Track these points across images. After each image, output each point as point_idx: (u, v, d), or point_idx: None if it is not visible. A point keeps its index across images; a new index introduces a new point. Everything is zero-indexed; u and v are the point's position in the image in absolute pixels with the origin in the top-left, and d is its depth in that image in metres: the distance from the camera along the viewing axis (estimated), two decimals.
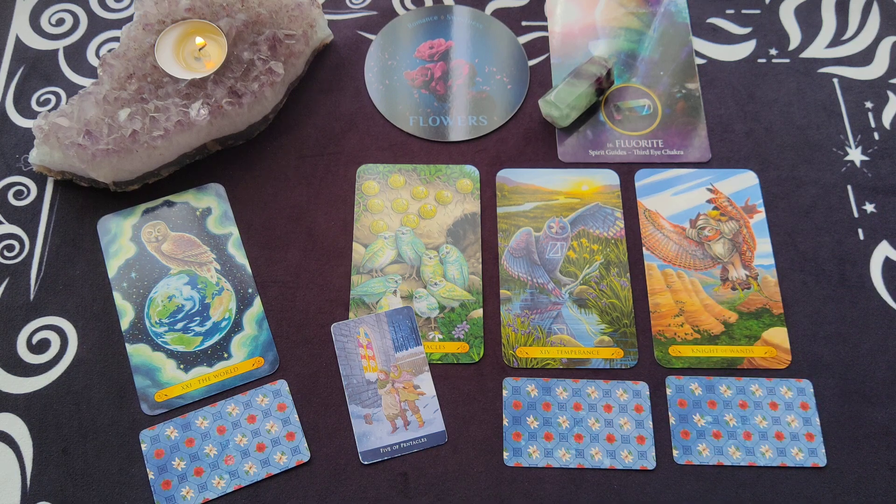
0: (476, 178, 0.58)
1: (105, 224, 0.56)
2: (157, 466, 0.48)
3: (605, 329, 0.53)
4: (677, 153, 0.60)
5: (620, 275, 0.55)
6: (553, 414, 0.50)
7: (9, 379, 0.51)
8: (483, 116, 0.61)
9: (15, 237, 0.56)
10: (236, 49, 0.57)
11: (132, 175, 0.56)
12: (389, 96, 0.61)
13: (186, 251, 0.55)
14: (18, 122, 0.60)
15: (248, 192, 0.58)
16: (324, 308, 0.54)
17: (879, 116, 0.61)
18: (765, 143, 0.60)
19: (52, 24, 0.64)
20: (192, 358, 0.52)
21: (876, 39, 0.64)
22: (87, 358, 0.52)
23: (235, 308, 0.54)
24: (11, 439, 0.49)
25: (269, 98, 0.58)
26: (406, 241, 0.56)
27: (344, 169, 0.58)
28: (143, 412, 0.50)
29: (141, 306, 0.53)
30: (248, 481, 0.48)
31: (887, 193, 0.58)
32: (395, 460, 0.49)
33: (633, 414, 0.50)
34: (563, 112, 0.58)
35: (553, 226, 0.57)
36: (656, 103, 0.61)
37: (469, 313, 0.54)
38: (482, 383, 0.51)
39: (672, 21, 0.65)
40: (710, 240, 0.56)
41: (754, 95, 0.62)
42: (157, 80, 0.56)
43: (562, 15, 0.65)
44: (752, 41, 0.64)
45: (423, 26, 0.65)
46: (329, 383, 0.51)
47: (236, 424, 0.50)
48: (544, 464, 0.49)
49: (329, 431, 0.50)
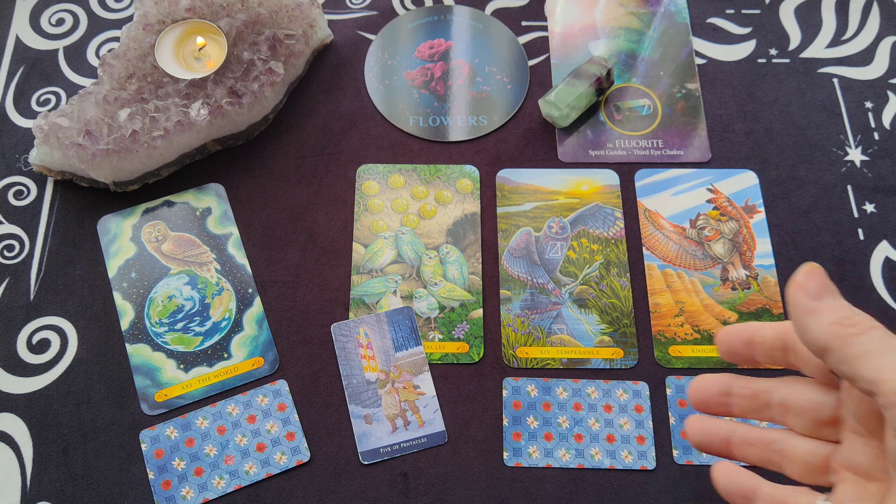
0: (476, 178, 0.58)
1: (105, 224, 0.56)
2: (157, 466, 0.48)
3: (605, 329, 0.53)
4: (677, 153, 0.60)
5: (620, 275, 0.55)
6: (553, 414, 0.50)
7: (9, 379, 0.51)
8: (483, 116, 0.61)
9: (15, 237, 0.56)
10: (236, 49, 0.57)
11: (132, 175, 0.56)
12: (389, 96, 0.61)
13: (186, 251, 0.55)
14: (18, 122, 0.60)
15: (248, 192, 0.58)
16: (324, 308, 0.54)
17: (879, 116, 0.61)
18: (765, 143, 0.60)
19: (52, 24, 0.64)
20: (192, 358, 0.52)
21: (876, 39, 0.64)
22: (87, 358, 0.52)
23: (235, 308, 0.54)
24: (11, 439, 0.49)
25: (269, 98, 0.58)
26: (406, 241, 0.56)
27: (344, 169, 0.58)
28: (143, 412, 0.50)
29: (141, 306, 0.53)
30: (248, 481, 0.48)
31: (887, 193, 0.58)
32: (395, 460, 0.49)
33: (633, 414, 0.50)
34: (563, 112, 0.58)
35: (553, 226, 0.57)
36: (656, 103, 0.61)
37: (469, 313, 0.54)
38: (482, 383, 0.51)
39: (672, 21, 0.65)
40: (710, 240, 0.56)
41: (754, 95, 0.62)
42: (157, 80, 0.56)
43: (562, 15, 0.65)
44: (752, 41, 0.64)
45: (423, 26, 0.65)
46: (329, 383, 0.51)
47: (236, 424, 0.50)
48: (544, 464, 0.49)
49: (329, 431, 0.50)
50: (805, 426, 0.35)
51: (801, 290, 0.31)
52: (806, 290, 0.31)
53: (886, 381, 0.28)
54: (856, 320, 0.30)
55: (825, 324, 0.30)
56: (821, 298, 0.31)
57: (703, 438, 0.38)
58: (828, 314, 0.30)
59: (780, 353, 0.35)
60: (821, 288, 0.31)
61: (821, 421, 0.34)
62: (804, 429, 0.35)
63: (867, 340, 0.29)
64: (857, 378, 0.29)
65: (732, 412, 0.37)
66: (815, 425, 0.35)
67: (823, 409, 0.34)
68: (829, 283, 0.31)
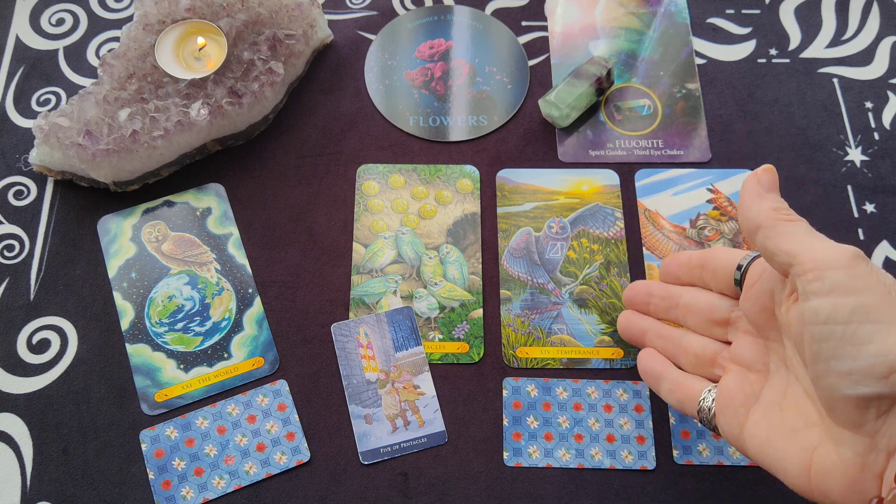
0: (476, 178, 0.58)
1: (105, 224, 0.56)
2: (157, 466, 0.48)
3: (606, 329, 0.53)
4: (677, 153, 0.60)
5: (620, 275, 0.55)
6: (553, 414, 0.50)
7: (9, 379, 0.51)
8: (483, 116, 0.61)
9: (15, 237, 0.56)
10: (236, 49, 0.57)
11: (132, 175, 0.56)
12: (389, 96, 0.61)
13: (186, 251, 0.55)
14: (18, 122, 0.60)
15: (248, 192, 0.58)
16: (324, 308, 0.54)
17: (879, 116, 0.61)
18: (765, 143, 0.60)
19: (52, 24, 0.64)
20: (192, 358, 0.52)
21: (876, 39, 0.64)
22: (87, 358, 0.52)
23: (235, 308, 0.54)
24: (11, 439, 0.49)
25: (269, 98, 0.58)
26: (406, 241, 0.56)
27: (344, 169, 0.58)
28: (143, 412, 0.50)
29: (141, 306, 0.53)
30: (248, 481, 0.48)
31: (887, 193, 0.58)
32: (395, 460, 0.49)
33: (633, 414, 0.50)
34: (563, 112, 0.58)
35: (553, 226, 0.57)
36: (656, 103, 0.61)
37: (469, 313, 0.54)
38: (482, 383, 0.51)
39: (672, 21, 0.65)
40: (710, 240, 0.56)
41: (754, 95, 0.62)
42: (157, 80, 0.56)
43: (562, 15, 0.65)
44: (752, 41, 0.64)
45: (423, 26, 0.65)
46: (329, 383, 0.51)
47: (236, 424, 0.50)
48: (544, 464, 0.49)
49: (329, 431, 0.50)
50: (700, 325, 0.44)
51: (755, 178, 0.39)
52: (760, 181, 0.39)
53: (803, 253, 0.34)
54: (790, 212, 0.37)
55: (766, 208, 0.37)
56: (769, 191, 0.38)
57: (626, 326, 0.49)
58: (770, 202, 0.38)
59: (697, 270, 0.45)
60: (771, 184, 0.39)
61: (714, 321, 0.44)
62: (699, 327, 0.45)
63: (794, 227, 0.36)
64: (777, 252, 0.36)
65: (650, 311, 0.48)
66: (708, 324, 0.44)
67: (718, 311, 0.43)
68: (777, 186, 0.39)
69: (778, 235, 0.36)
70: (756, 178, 0.39)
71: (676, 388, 0.44)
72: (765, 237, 0.37)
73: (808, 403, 0.37)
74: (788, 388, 0.38)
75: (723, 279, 0.43)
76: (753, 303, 0.40)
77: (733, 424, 0.39)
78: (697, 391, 0.42)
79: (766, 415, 0.38)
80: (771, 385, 0.39)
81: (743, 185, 0.39)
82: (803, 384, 0.37)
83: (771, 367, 0.40)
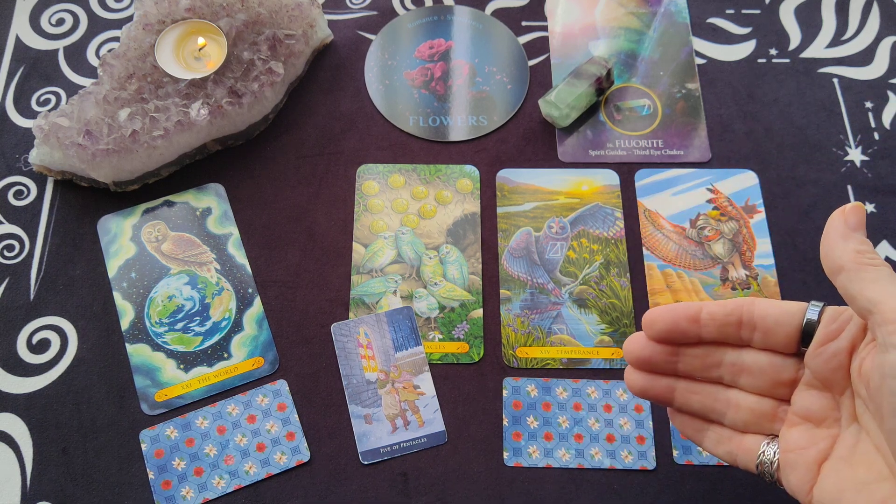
0: (476, 178, 0.58)
1: (105, 224, 0.56)
2: (157, 466, 0.48)
3: (605, 329, 0.53)
4: (677, 153, 0.60)
5: (620, 275, 0.55)
6: (553, 414, 0.50)
7: (9, 379, 0.51)
8: (483, 116, 0.61)
9: (15, 237, 0.56)
10: (236, 49, 0.57)
11: (132, 175, 0.56)
12: (389, 96, 0.61)
13: (186, 251, 0.55)
14: (18, 122, 0.60)
15: (248, 192, 0.58)
16: (324, 308, 0.54)
17: (879, 116, 0.61)
18: (765, 143, 0.60)
19: (52, 24, 0.64)
20: (192, 358, 0.52)
21: (876, 39, 0.64)
22: (87, 358, 0.52)
23: (235, 308, 0.54)
24: (11, 439, 0.49)
25: (269, 98, 0.58)
26: (406, 241, 0.56)
27: (344, 169, 0.58)
28: (143, 412, 0.50)
29: (141, 306, 0.53)
30: (248, 481, 0.48)
31: (887, 193, 0.58)
32: (395, 460, 0.49)
33: (633, 414, 0.50)
34: (563, 112, 0.58)
35: (553, 226, 0.57)
36: (656, 103, 0.61)
37: (469, 313, 0.54)
38: (482, 383, 0.51)
39: (672, 21, 0.65)
40: (710, 240, 0.56)
41: (754, 95, 0.62)
42: (157, 80, 0.56)
43: (562, 15, 0.65)
44: (752, 41, 0.64)
45: (423, 26, 0.65)
46: (329, 383, 0.51)
47: (236, 424, 0.50)
48: (544, 464, 0.49)
49: (329, 431, 0.50)
50: (762, 385, 0.39)
51: (842, 216, 0.36)
52: (846, 219, 0.36)
53: (885, 302, 0.33)
54: (875, 256, 0.35)
55: (850, 249, 0.35)
56: (855, 231, 0.36)
57: (645, 388, 0.41)
58: (854, 243, 0.36)
59: (732, 328, 0.39)
60: (858, 223, 0.36)
61: (780, 382, 0.39)
62: (760, 388, 0.40)
63: (878, 272, 0.34)
64: (858, 297, 0.34)
65: (677, 370, 0.41)
66: (773, 385, 0.39)
67: (785, 372, 0.39)
68: (864, 225, 0.36)
69: (861, 280, 0.34)
70: (843, 215, 0.36)
71: (726, 441, 0.41)
72: (847, 280, 0.35)
73: (879, 458, 0.35)
74: (858, 442, 0.36)
75: (779, 338, 0.38)
76: (828, 360, 0.37)
77: (804, 481, 0.37)
78: (753, 444, 0.40)
79: (835, 469, 0.36)
80: (842, 440, 0.37)
81: (829, 221, 0.37)
82: (873, 438, 0.35)
83: (842, 422, 0.37)
